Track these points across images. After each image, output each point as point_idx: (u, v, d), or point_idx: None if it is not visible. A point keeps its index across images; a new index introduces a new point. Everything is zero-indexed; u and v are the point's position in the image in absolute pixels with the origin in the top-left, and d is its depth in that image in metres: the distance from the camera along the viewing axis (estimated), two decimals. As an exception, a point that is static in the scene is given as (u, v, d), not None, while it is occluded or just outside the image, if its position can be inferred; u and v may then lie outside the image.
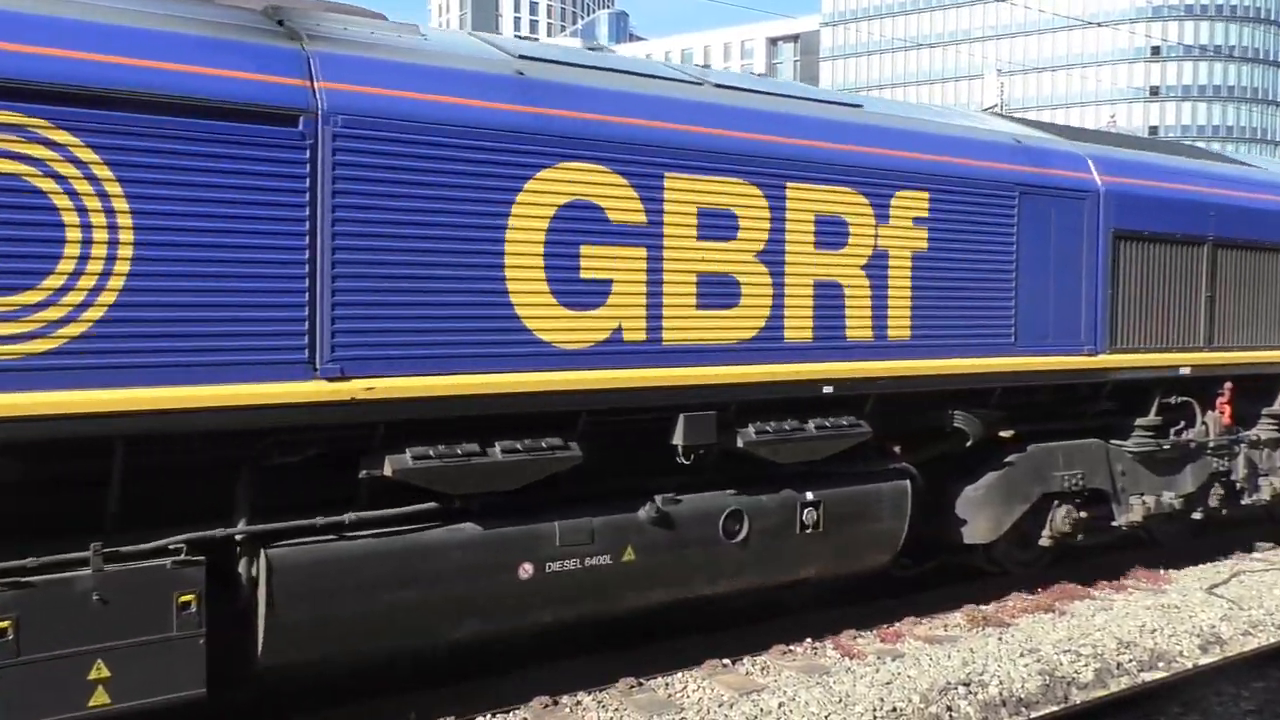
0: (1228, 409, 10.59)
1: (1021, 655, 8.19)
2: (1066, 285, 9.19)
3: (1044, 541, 9.54)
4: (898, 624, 8.91)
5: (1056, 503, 9.50)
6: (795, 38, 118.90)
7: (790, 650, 8.20)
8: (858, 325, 7.92)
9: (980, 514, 9.07)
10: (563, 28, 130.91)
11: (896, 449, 8.55)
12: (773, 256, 7.47)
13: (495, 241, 6.36)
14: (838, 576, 8.35)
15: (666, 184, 7.00)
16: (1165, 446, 10.18)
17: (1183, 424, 10.45)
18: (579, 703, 7.14)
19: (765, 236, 7.44)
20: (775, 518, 7.71)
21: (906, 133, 8.31)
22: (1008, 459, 9.18)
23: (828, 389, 7.73)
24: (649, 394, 6.97)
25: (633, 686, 7.40)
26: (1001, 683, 7.61)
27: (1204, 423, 10.60)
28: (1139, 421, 10.10)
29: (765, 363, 7.46)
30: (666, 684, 7.50)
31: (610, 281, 6.81)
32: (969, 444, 8.81)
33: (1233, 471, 10.87)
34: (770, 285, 7.46)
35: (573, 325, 6.66)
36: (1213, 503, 10.76)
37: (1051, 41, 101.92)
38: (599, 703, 7.15)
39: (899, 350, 8.15)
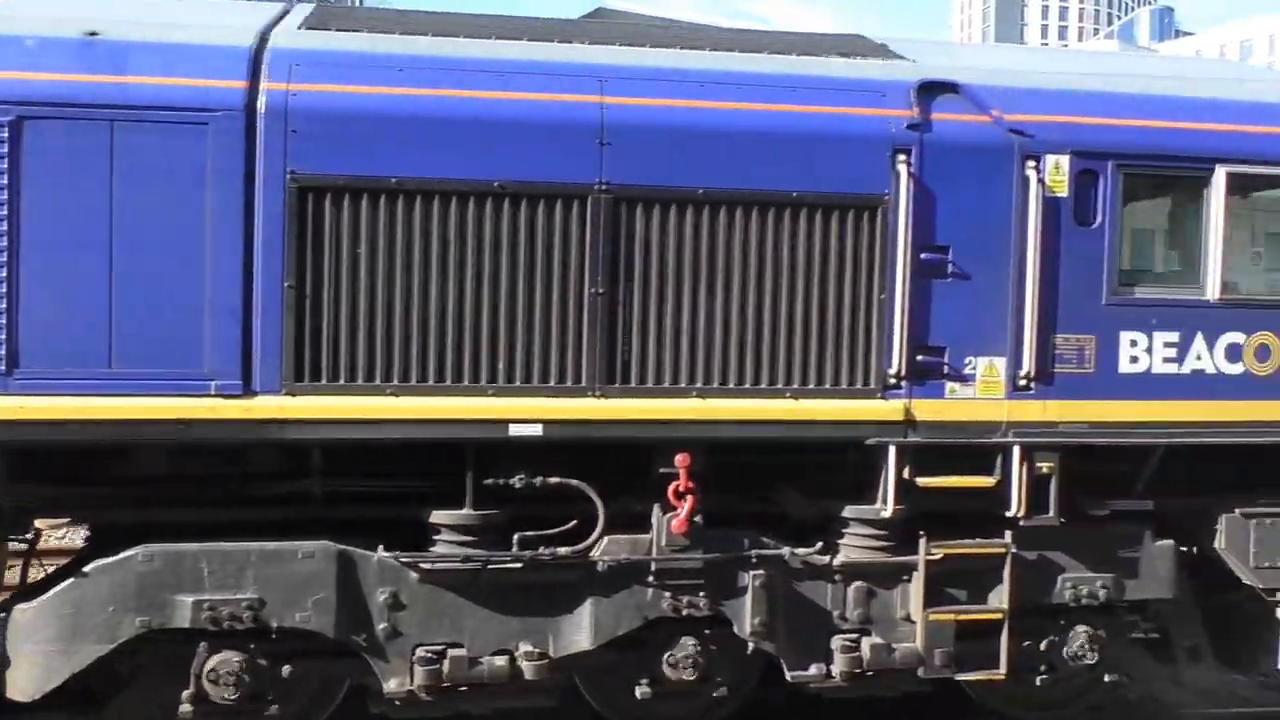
0: (689, 501, 5.72)
1: None
2: (171, 272, 5.33)
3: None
4: None
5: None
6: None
7: None
8: None
9: (27, 655, 5.50)
10: (1095, 30, 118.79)
11: None
12: None
13: None
14: None
15: None
16: (504, 564, 5.67)
17: (574, 524, 5.79)
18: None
19: None
20: None
21: None
22: (86, 569, 5.51)
23: None
24: None
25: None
26: None
27: (653, 524, 5.85)
28: (436, 516, 5.71)
29: None
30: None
31: None
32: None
33: (736, 618, 5.89)
34: None
35: None
36: (674, 672, 5.90)
37: None
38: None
39: None
